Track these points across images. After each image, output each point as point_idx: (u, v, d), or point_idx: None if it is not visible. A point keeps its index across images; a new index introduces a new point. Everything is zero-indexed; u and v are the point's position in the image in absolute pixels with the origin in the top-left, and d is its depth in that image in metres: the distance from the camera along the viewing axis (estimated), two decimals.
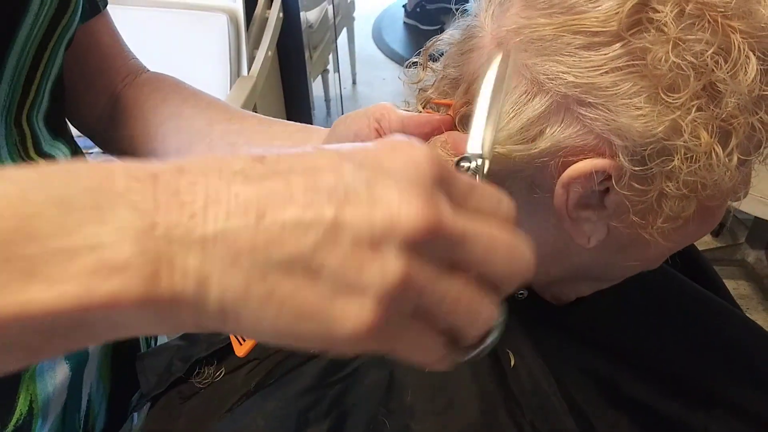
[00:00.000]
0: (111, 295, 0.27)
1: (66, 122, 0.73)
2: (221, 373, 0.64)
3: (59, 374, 0.66)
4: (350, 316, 0.29)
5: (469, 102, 0.53)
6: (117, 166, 0.29)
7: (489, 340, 0.35)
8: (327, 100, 3.25)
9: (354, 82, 3.58)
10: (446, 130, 0.56)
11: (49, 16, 0.60)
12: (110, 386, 0.76)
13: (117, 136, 0.76)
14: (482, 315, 0.33)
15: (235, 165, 0.30)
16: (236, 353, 0.58)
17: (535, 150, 0.50)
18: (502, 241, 0.33)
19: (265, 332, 0.30)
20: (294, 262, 0.29)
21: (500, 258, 0.33)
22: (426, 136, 0.56)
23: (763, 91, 0.47)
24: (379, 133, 0.56)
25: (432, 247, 0.30)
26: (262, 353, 0.63)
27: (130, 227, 0.28)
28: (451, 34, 0.58)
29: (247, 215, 0.29)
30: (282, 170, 0.30)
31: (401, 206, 0.29)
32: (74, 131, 0.75)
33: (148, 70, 0.79)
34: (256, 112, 2.29)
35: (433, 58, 0.60)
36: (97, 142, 0.80)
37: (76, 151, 0.72)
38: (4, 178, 0.28)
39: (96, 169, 0.29)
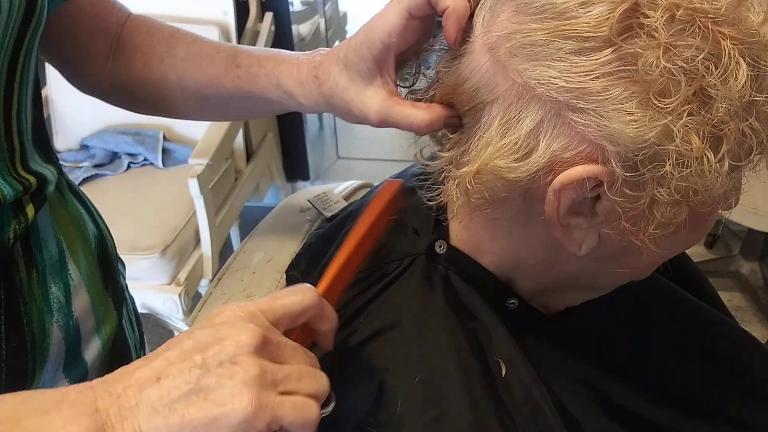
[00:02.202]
0: None
1: (49, 139, 0.73)
2: None
3: None
4: (239, 407, 0.42)
5: (451, 105, 0.54)
6: (69, 388, 0.44)
7: (332, 403, 0.50)
8: (319, 113, 3.26)
9: None
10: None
11: (18, 23, 0.59)
12: None
13: (128, 87, 0.76)
14: (319, 377, 0.48)
15: (134, 364, 0.45)
16: None
17: (533, 167, 0.50)
18: (298, 349, 0.49)
19: None
20: (189, 394, 0.43)
21: (301, 357, 0.49)
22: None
23: (754, 97, 0.46)
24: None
25: (266, 348, 0.46)
26: None
27: (83, 414, 0.42)
28: (442, 39, 0.58)
29: (150, 382, 0.43)
30: (160, 353, 0.45)
31: (239, 332, 0.45)
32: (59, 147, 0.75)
33: (128, 13, 0.78)
34: (248, 125, 2.29)
35: (426, 66, 0.60)
36: (113, 101, 0.80)
37: (59, 167, 0.72)
38: (3, 399, 0.43)
39: (56, 391, 0.44)
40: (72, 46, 0.74)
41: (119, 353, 0.77)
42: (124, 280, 0.83)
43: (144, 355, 0.85)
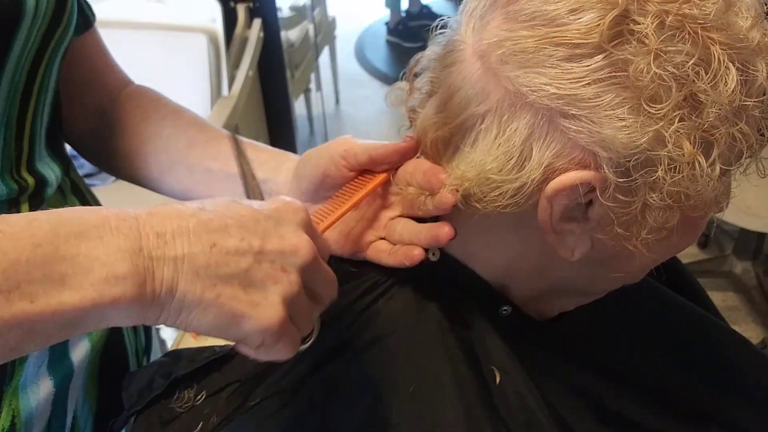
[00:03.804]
0: (115, 297, 0.40)
1: (62, 139, 0.73)
2: (202, 396, 0.63)
3: (42, 390, 0.66)
4: (267, 316, 0.43)
5: (447, 122, 0.53)
6: (109, 211, 0.42)
7: (315, 332, 0.52)
8: (310, 119, 3.25)
9: (337, 101, 3.58)
10: (411, 158, 0.58)
11: (42, 30, 0.60)
12: (96, 405, 0.76)
13: (103, 152, 0.77)
14: (315, 312, 0.49)
15: (189, 210, 0.43)
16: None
17: (527, 175, 0.50)
18: (332, 274, 0.50)
19: (203, 327, 0.43)
20: (233, 277, 0.42)
21: (331, 286, 0.49)
22: (395, 164, 0.60)
23: (743, 101, 0.47)
24: (349, 170, 0.60)
25: (313, 266, 0.46)
26: (243, 374, 0.62)
27: (125, 250, 0.40)
28: (432, 49, 0.58)
29: (203, 243, 0.42)
30: (219, 214, 0.44)
31: (298, 241, 0.45)
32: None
33: (133, 83, 0.79)
34: (237, 132, 2.28)
35: (418, 76, 0.60)
36: (84, 155, 0.81)
37: (68, 169, 0.72)
38: (37, 218, 0.40)
39: (96, 213, 0.41)
40: (64, 88, 0.74)
41: (113, 359, 0.77)
42: None
43: (147, 361, 0.85)
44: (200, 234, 0.42)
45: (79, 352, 0.71)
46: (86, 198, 0.77)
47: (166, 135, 0.74)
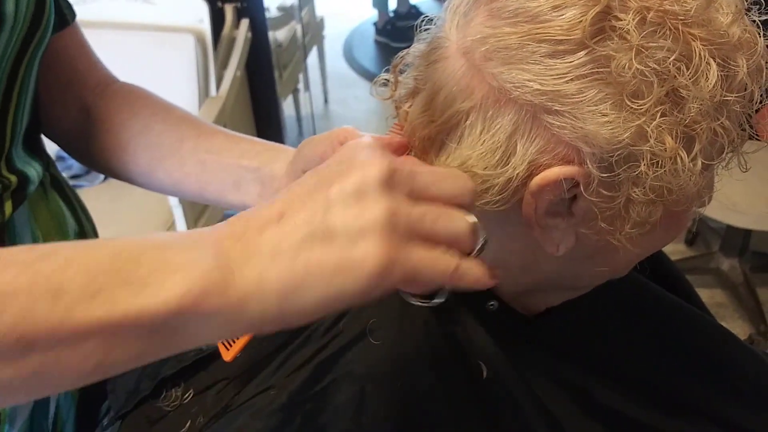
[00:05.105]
0: (197, 300, 0.38)
1: (40, 138, 0.73)
2: (190, 394, 0.63)
3: None
4: (368, 255, 0.38)
5: (433, 120, 0.54)
6: (192, 231, 0.42)
7: (480, 236, 0.45)
8: (299, 119, 3.25)
9: (326, 101, 3.58)
10: (404, 153, 0.57)
11: (22, 35, 0.60)
12: (78, 393, 0.76)
13: (90, 148, 0.76)
14: (456, 218, 0.43)
15: (260, 206, 0.42)
16: (224, 358, 0.57)
17: (512, 171, 0.50)
18: (439, 171, 0.45)
19: (310, 304, 0.39)
20: (311, 237, 0.39)
21: (444, 182, 0.44)
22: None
23: (724, 96, 0.47)
24: None
25: (395, 183, 0.41)
26: (231, 372, 0.62)
27: (207, 256, 0.39)
28: (416, 47, 0.58)
29: (273, 223, 0.40)
30: (285, 190, 0.42)
31: (363, 165, 0.41)
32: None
33: (118, 81, 0.79)
34: None
35: (403, 73, 0.60)
36: (70, 152, 0.80)
37: (48, 165, 0.72)
38: (116, 239, 0.41)
39: (178, 234, 0.42)
40: (45, 87, 0.74)
41: None
42: None
43: None
44: (271, 218, 0.40)
45: None
46: (66, 193, 0.77)
47: (158, 130, 0.73)
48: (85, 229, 0.78)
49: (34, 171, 0.67)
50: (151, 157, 0.73)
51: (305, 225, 0.39)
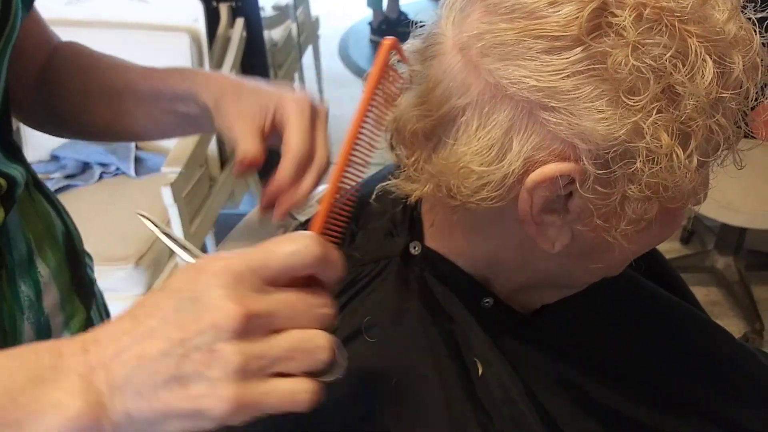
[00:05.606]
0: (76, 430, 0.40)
1: (19, 146, 0.72)
2: None
3: None
4: (219, 402, 0.40)
5: (428, 114, 0.53)
6: (64, 346, 0.42)
7: (338, 368, 0.46)
8: None
9: (321, 101, 3.57)
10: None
11: None
12: None
13: (56, 112, 0.79)
14: (317, 342, 0.43)
15: (124, 326, 0.43)
16: None
17: (508, 167, 0.50)
18: (299, 304, 0.44)
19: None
20: (170, 380, 0.41)
21: (302, 316, 0.44)
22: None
23: (720, 93, 0.47)
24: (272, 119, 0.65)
25: (251, 327, 0.41)
26: None
27: (77, 390, 0.41)
28: (412, 42, 0.58)
29: (134, 359, 0.41)
30: (146, 314, 0.43)
31: (217, 313, 0.41)
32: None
33: (59, 39, 0.80)
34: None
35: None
36: (39, 126, 0.82)
37: (28, 168, 0.72)
38: (1, 364, 0.42)
39: (51, 350, 0.42)
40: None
41: None
42: (93, 273, 0.83)
43: None
44: (131, 349, 0.42)
45: None
46: (48, 193, 0.77)
47: (99, 87, 0.77)
48: (69, 229, 0.78)
49: (18, 173, 0.66)
50: (109, 113, 0.77)
51: (164, 369, 0.41)
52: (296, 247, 0.43)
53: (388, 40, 0.56)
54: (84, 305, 0.77)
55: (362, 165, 0.56)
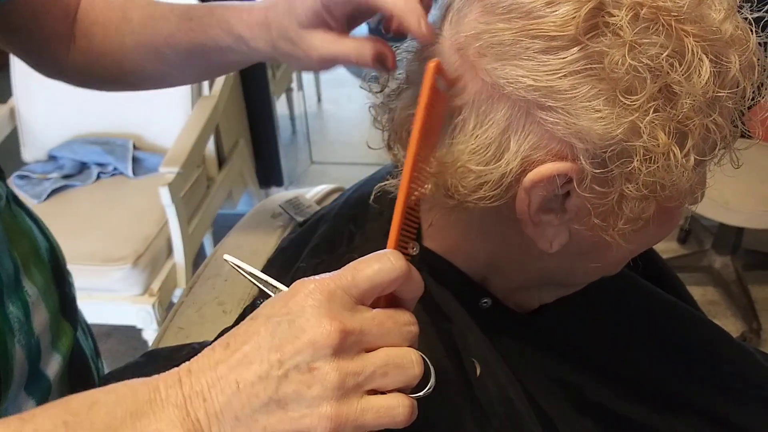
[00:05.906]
0: None
1: None
2: None
3: (25, 410, 0.65)
4: (320, 422, 0.41)
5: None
6: (160, 380, 0.43)
7: (430, 382, 0.46)
8: (292, 118, 3.25)
9: (319, 100, 3.58)
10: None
11: None
12: None
13: (92, 57, 0.76)
14: (407, 366, 0.44)
15: (216, 355, 0.43)
16: None
17: (506, 167, 0.50)
18: (388, 322, 0.44)
19: None
20: (268, 404, 0.41)
21: (391, 334, 0.44)
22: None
23: (717, 93, 0.47)
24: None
25: (347, 344, 0.42)
26: None
27: (176, 421, 0.42)
28: (410, 42, 0.58)
29: (231, 386, 0.42)
30: (239, 342, 0.43)
31: (314, 331, 0.41)
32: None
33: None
34: (219, 132, 2.28)
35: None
36: (77, 82, 0.80)
37: (5, 182, 0.70)
38: (97, 401, 0.42)
39: (147, 385, 0.43)
40: (33, 33, 0.73)
41: (78, 364, 0.77)
42: (74, 290, 0.82)
43: (99, 363, 0.84)
44: (227, 377, 0.42)
45: (53, 366, 0.71)
46: (26, 207, 0.76)
47: (136, 20, 0.73)
48: (53, 245, 0.77)
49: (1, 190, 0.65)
50: (143, 27, 0.73)
51: (263, 392, 0.41)
52: (382, 265, 0.44)
53: (432, 62, 0.55)
54: (70, 323, 0.76)
55: (420, 185, 0.56)
